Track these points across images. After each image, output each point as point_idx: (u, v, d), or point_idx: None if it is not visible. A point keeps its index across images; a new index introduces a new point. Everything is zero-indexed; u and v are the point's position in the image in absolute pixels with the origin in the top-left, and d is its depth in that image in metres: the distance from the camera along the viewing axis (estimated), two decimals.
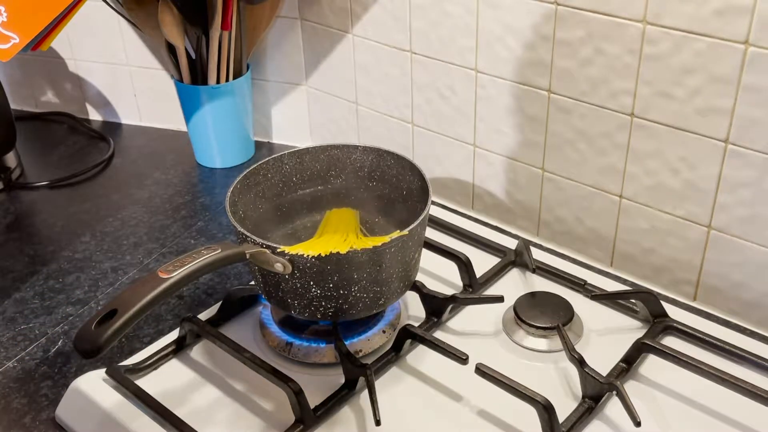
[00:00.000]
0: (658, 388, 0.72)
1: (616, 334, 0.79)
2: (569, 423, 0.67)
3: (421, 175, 0.80)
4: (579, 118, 0.85)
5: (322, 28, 1.08)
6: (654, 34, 0.75)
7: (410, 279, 0.78)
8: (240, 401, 0.72)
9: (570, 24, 0.81)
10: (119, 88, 1.28)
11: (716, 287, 0.82)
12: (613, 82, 0.80)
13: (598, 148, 0.85)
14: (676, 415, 0.69)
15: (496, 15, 0.87)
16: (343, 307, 0.72)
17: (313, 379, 0.73)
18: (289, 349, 0.76)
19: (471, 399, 0.71)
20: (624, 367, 0.73)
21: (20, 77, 1.32)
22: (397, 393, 0.72)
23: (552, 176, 0.91)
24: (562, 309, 0.79)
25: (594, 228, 0.90)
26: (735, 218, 0.78)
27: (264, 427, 0.69)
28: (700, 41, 0.72)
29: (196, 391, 0.73)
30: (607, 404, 0.70)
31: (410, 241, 0.73)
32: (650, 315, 0.79)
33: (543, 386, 0.68)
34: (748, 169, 0.74)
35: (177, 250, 0.97)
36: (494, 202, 0.99)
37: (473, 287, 0.84)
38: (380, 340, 0.77)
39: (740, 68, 0.71)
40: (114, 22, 1.19)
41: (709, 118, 0.75)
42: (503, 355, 0.77)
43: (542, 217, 0.94)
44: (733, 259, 0.79)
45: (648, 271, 0.87)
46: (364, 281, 0.71)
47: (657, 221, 0.84)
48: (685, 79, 0.75)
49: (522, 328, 0.79)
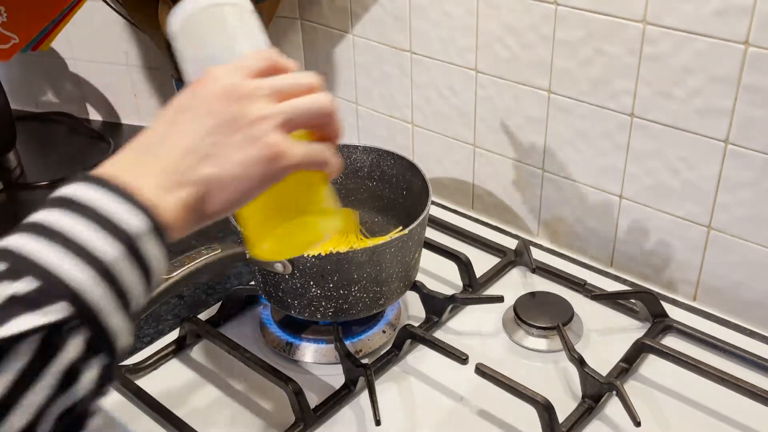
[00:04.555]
0: (658, 388, 0.72)
1: (616, 334, 0.79)
2: (569, 423, 0.67)
3: (421, 175, 0.80)
4: (579, 118, 0.85)
5: (322, 28, 1.08)
6: (654, 34, 0.75)
7: (410, 279, 0.78)
8: (240, 401, 0.72)
9: (570, 24, 0.81)
10: (119, 88, 1.28)
11: (716, 287, 0.82)
12: (613, 82, 0.80)
13: (598, 148, 0.85)
14: (676, 415, 0.69)
15: (496, 15, 0.86)
16: (343, 307, 0.72)
17: (313, 379, 0.73)
18: (289, 349, 0.76)
19: (471, 399, 0.71)
20: (624, 367, 0.73)
21: (20, 77, 1.31)
22: (397, 393, 0.72)
23: (552, 176, 0.91)
24: (562, 309, 0.79)
25: (594, 228, 0.90)
26: (735, 218, 0.77)
27: (264, 426, 0.69)
28: (700, 41, 0.72)
29: (196, 391, 0.73)
30: (607, 404, 0.70)
31: (410, 241, 0.73)
32: (650, 315, 0.79)
33: (543, 386, 0.68)
34: (748, 169, 0.74)
35: (177, 250, 0.96)
36: (494, 202, 0.99)
37: (473, 287, 0.84)
38: (380, 340, 0.77)
39: (740, 68, 0.71)
40: (114, 22, 1.19)
41: (709, 118, 0.75)
42: (503, 355, 0.77)
43: (542, 217, 0.94)
44: (733, 259, 0.79)
45: (648, 271, 0.87)
46: (364, 281, 0.71)
47: (657, 221, 0.84)
48: (685, 79, 0.75)
49: (522, 328, 0.79)
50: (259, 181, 0.40)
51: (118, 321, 0.35)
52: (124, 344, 0.36)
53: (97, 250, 0.34)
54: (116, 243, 0.34)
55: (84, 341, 0.33)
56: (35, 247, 0.33)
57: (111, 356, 0.35)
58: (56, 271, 0.33)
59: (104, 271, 0.33)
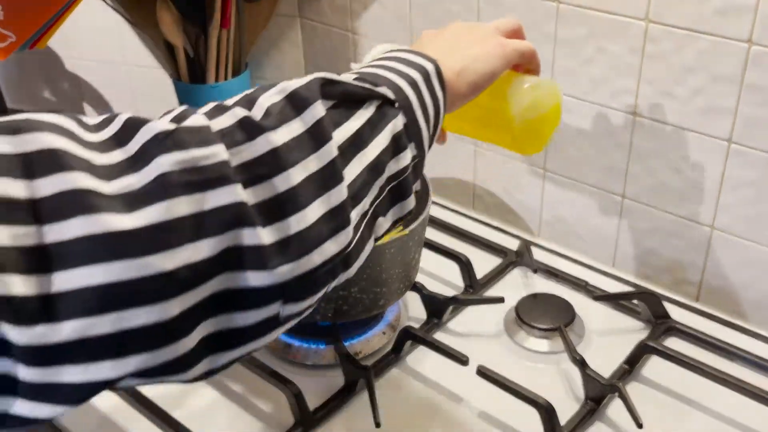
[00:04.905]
0: (661, 389, 0.72)
1: (618, 336, 0.78)
2: (571, 425, 0.67)
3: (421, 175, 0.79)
4: (581, 117, 0.84)
5: (322, 26, 1.07)
6: (656, 33, 0.74)
7: (410, 279, 0.77)
8: (239, 403, 0.72)
9: (572, 22, 0.80)
10: (117, 87, 1.27)
11: (719, 288, 0.82)
12: (615, 81, 0.80)
13: (600, 148, 0.84)
14: (679, 416, 0.69)
15: (498, 13, 0.86)
16: (343, 308, 0.72)
17: (312, 381, 0.73)
18: (288, 350, 0.76)
19: (472, 401, 0.71)
20: (626, 369, 0.73)
21: (17, 76, 1.31)
22: (398, 395, 0.72)
23: (553, 176, 0.90)
24: (564, 310, 0.79)
25: (596, 228, 0.89)
26: (738, 218, 0.77)
27: (263, 429, 0.69)
28: (703, 40, 0.72)
29: (194, 393, 0.73)
30: (609, 406, 0.70)
31: (410, 241, 0.72)
32: (652, 316, 0.79)
33: (544, 388, 0.68)
34: (751, 168, 0.74)
35: None
36: (495, 201, 0.98)
37: (474, 288, 0.84)
38: (380, 341, 0.77)
39: (743, 67, 0.70)
40: (112, 20, 1.18)
41: (711, 117, 0.74)
42: (504, 357, 0.76)
43: (543, 217, 0.94)
44: (735, 260, 0.79)
45: (650, 272, 0.87)
46: (363, 282, 0.70)
47: (659, 221, 0.83)
48: (688, 78, 0.74)
49: (523, 329, 0.78)
50: (500, 59, 0.56)
51: (423, 123, 0.48)
52: (424, 153, 0.49)
53: (406, 73, 0.48)
54: (417, 73, 0.49)
55: (403, 123, 0.46)
56: (372, 71, 0.48)
57: (420, 151, 0.48)
58: (384, 75, 0.47)
59: (413, 83, 0.48)
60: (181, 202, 0.34)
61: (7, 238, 0.30)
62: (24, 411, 0.33)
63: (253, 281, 0.36)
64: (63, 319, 0.31)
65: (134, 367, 0.34)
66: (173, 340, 0.35)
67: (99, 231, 0.32)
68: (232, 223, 0.35)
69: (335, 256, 0.40)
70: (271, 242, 0.37)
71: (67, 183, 0.32)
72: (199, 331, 0.36)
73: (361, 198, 0.42)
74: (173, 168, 0.34)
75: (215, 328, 0.37)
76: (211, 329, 0.37)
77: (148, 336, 0.33)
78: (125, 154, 0.35)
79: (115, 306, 0.32)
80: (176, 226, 0.34)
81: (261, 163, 0.37)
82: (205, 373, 0.39)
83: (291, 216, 0.37)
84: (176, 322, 0.34)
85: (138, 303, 0.33)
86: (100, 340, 0.32)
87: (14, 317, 0.30)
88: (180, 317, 0.34)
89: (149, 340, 0.34)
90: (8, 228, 0.30)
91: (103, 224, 0.32)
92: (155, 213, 0.33)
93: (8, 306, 0.30)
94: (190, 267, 0.34)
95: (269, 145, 0.38)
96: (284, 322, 0.40)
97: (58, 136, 0.34)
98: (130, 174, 0.34)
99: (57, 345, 0.31)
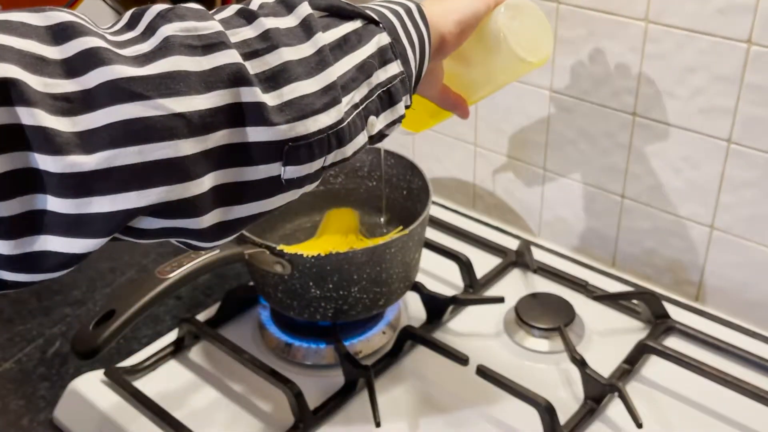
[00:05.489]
0: (660, 389, 0.72)
1: (617, 335, 0.78)
2: (571, 424, 0.67)
3: (421, 175, 0.79)
4: (581, 117, 0.84)
5: None
6: (656, 33, 0.74)
7: (410, 279, 0.77)
8: (239, 403, 0.72)
9: (572, 22, 0.80)
10: None
11: (719, 288, 0.81)
12: (615, 81, 0.80)
13: (600, 148, 0.84)
14: (679, 416, 0.69)
15: None
16: (343, 308, 0.72)
17: (312, 381, 0.73)
18: (288, 350, 0.76)
19: (472, 400, 0.71)
20: (626, 369, 0.73)
21: None
22: (398, 394, 0.72)
23: (553, 176, 0.90)
24: (564, 310, 0.79)
25: (596, 228, 0.89)
26: (738, 218, 0.77)
27: (263, 428, 0.69)
28: (703, 40, 0.72)
29: (194, 393, 0.73)
30: (608, 406, 0.70)
31: (410, 241, 0.72)
32: (652, 316, 0.79)
33: (544, 387, 0.68)
34: (751, 168, 0.74)
35: (175, 251, 0.96)
36: (495, 202, 0.98)
37: (474, 288, 0.84)
38: (380, 341, 0.77)
39: (743, 67, 0.70)
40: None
41: (711, 117, 0.74)
42: (504, 357, 0.76)
43: (544, 217, 0.94)
44: (735, 260, 0.79)
45: (650, 272, 0.86)
46: (363, 282, 0.71)
47: (659, 221, 0.83)
48: (688, 78, 0.74)
49: (523, 329, 0.78)
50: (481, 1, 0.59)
51: (407, 46, 0.51)
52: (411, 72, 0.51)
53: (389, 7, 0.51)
54: (399, 7, 0.52)
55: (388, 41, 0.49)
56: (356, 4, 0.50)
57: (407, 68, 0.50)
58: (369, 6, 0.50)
59: (395, 12, 0.51)
60: (186, 59, 0.39)
61: (39, 85, 0.35)
62: (58, 247, 0.37)
63: (255, 136, 0.41)
64: (92, 151, 0.36)
65: (156, 198, 0.38)
66: (187, 178, 0.39)
67: (115, 77, 0.37)
68: (234, 81, 0.40)
69: (328, 128, 0.44)
70: (270, 103, 0.41)
71: (87, 44, 0.37)
72: (210, 179, 0.40)
73: (351, 90, 0.46)
74: (177, 32, 0.40)
75: (224, 179, 0.41)
76: (220, 180, 0.41)
77: (166, 170, 0.38)
78: (135, 33, 0.41)
79: (135, 139, 0.37)
80: (183, 76, 0.38)
81: (257, 40, 0.42)
82: (218, 230, 0.43)
83: (285, 86, 0.42)
84: (189, 163, 0.38)
85: (155, 138, 0.37)
86: (125, 170, 0.37)
87: (49, 147, 0.35)
88: (192, 158, 0.39)
89: (167, 174, 0.38)
90: (40, 78, 0.35)
91: (118, 72, 0.37)
92: (163, 64, 0.38)
93: (43, 136, 0.34)
94: (198, 113, 0.38)
95: (264, 27, 0.43)
96: (287, 187, 0.44)
97: (75, 17, 0.40)
98: (140, 43, 0.40)
99: (88, 173, 0.36)
